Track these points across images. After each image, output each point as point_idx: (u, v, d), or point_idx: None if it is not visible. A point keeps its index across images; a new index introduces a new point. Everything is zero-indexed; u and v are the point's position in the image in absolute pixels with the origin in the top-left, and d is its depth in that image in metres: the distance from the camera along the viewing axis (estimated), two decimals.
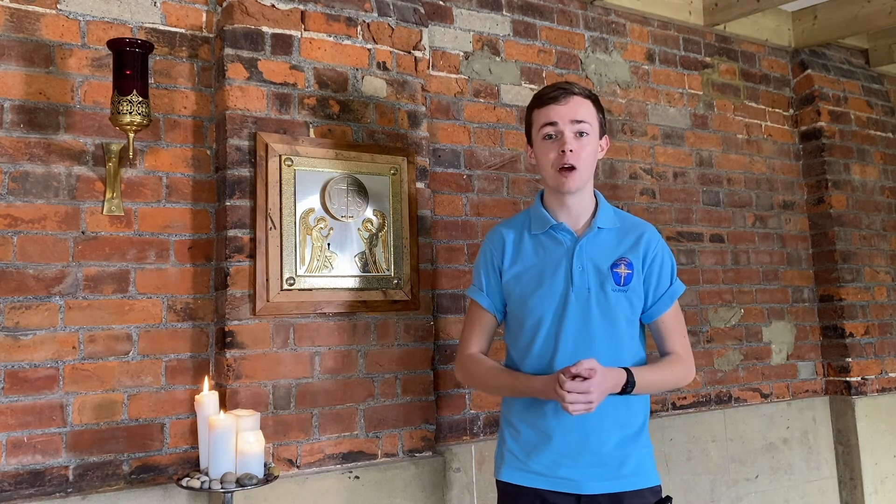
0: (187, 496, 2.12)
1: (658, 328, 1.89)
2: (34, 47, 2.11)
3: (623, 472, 1.78)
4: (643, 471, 1.81)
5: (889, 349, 3.87)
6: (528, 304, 1.84)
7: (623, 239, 1.86)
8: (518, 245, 1.90)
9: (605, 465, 1.77)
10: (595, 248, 1.84)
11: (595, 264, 1.82)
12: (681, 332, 1.90)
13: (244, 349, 2.20)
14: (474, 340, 1.95)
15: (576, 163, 1.79)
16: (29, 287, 2.04)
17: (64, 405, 2.06)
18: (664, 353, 1.89)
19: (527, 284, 1.86)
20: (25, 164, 2.07)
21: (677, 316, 1.90)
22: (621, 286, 1.81)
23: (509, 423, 1.89)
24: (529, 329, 1.84)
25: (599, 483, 1.77)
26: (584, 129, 1.81)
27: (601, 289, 1.80)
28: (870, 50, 4.22)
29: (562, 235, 1.86)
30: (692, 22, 3.54)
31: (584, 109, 1.82)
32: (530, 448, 1.82)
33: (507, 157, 2.93)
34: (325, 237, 2.36)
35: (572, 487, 1.77)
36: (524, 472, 1.83)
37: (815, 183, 3.86)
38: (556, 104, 1.81)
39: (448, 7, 2.87)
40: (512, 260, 1.90)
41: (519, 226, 1.94)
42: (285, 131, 2.34)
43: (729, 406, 3.42)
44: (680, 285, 1.90)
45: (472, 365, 1.92)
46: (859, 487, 3.61)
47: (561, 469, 1.78)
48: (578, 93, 1.83)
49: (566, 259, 1.83)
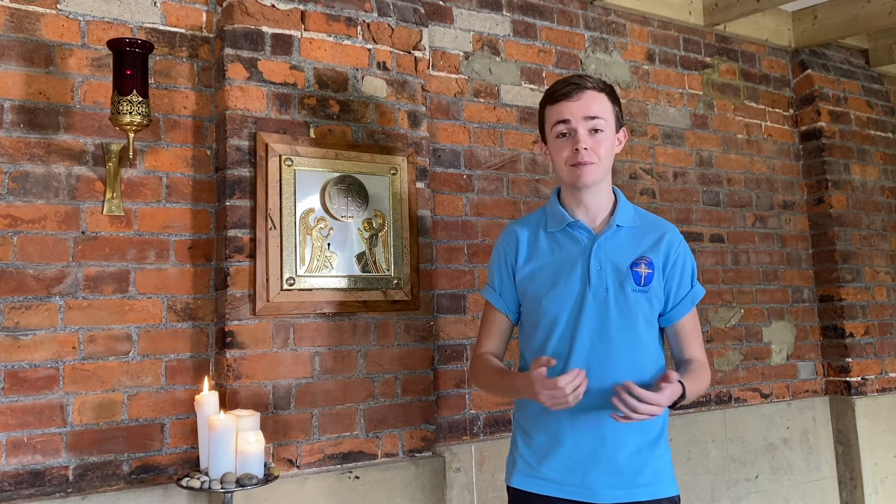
0: (187, 496, 2.12)
1: (677, 332, 1.82)
2: (34, 47, 2.11)
3: (640, 482, 1.71)
4: (661, 480, 1.73)
5: (889, 349, 3.87)
6: (543, 303, 1.77)
7: (643, 238, 1.79)
8: (533, 243, 1.84)
9: (621, 473, 1.70)
10: (614, 246, 1.77)
11: (613, 263, 1.75)
12: (699, 336, 1.83)
13: (244, 349, 2.20)
14: (486, 341, 1.90)
15: (591, 160, 1.72)
16: (29, 287, 2.04)
17: (64, 405, 2.06)
18: (684, 359, 1.81)
19: (541, 283, 1.79)
20: (25, 164, 2.07)
21: (696, 320, 1.83)
22: (642, 286, 1.74)
23: (521, 429, 1.83)
24: (544, 329, 1.78)
25: (615, 492, 1.69)
26: (598, 126, 1.73)
27: (620, 289, 1.73)
28: (870, 50, 4.22)
29: (579, 233, 1.79)
30: (692, 22, 3.54)
31: (597, 104, 1.74)
32: (542, 454, 1.76)
33: (507, 157, 2.93)
34: (325, 237, 2.36)
35: (586, 496, 1.70)
36: (536, 478, 1.76)
37: (815, 183, 3.86)
38: (569, 100, 1.74)
39: (448, 7, 2.87)
40: (526, 258, 1.83)
41: (534, 223, 1.88)
42: (285, 131, 2.34)
43: (729, 406, 3.42)
44: (700, 289, 1.83)
45: (475, 366, 1.89)
46: (859, 487, 3.61)
47: (574, 476, 1.72)
48: (591, 87, 1.75)
49: (583, 258, 1.76)
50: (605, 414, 1.67)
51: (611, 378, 1.69)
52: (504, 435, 2.73)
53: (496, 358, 1.88)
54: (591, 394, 1.65)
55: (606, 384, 1.67)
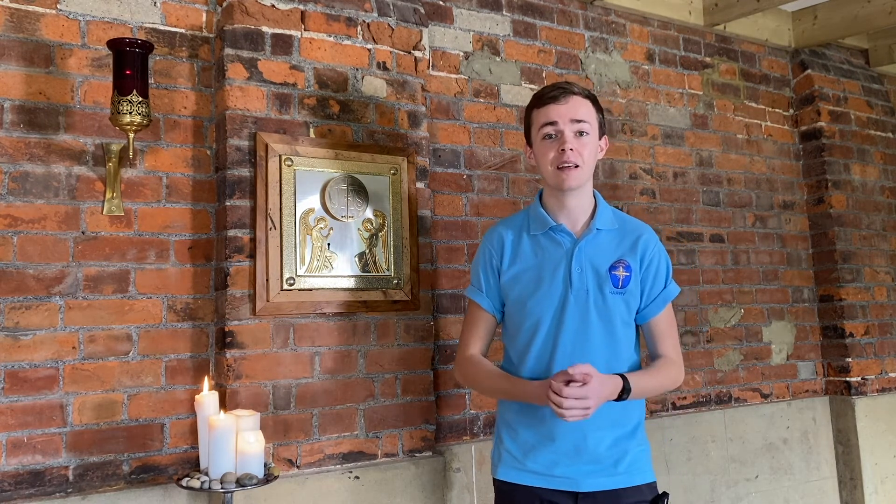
0: (187, 496, 2.12)
1: (651, 330, 1.89)
2: (34, 47, 2.11)
3: (619, 470, 1.80)
4: (638, 468, 1.83)
5: (889, 349, 3.87)
6: (527, 305, 1.85)
7: (622, 241, 1.87)
8: (517, 246, 1.90)
9: (601, 462, 1.80)
10: (594, 249, 1.84)
11: (594, 266, 1.83)
12: (673, 334, 1.91)
13: (244, 349, 2.20)
14: (473, 341, 1.95)
15: (576, 161, 1.79)
16: (29, 287, 2.04)
17: (64, 405, 2.06)
18: (656, 356, 1.90)
19: (525, 286, 1.86)
20: (25, 164, 2.07)
21: (670, 318, 1.90)
22: (619, 289, 1.82)
23: (507, 424, 1.90)
24: (528, 330, 1.85)
25: (596, 480, 1.79)
26: (583, 129, 1.81)
27: (599, 291, 1.81)
28: (870, 50, 4.22)
29: (561, 237, 1.86)
30: (692, 22, 3.54)
31: (583, 109, 1.82)
32: (528, 448, 1.84)
33: (507, 157, 2.93)
34: (325, 237, 2.36)
35: (570, 485, 1.79)
36: (522, 471, 1.85)
37: (815, 183, 3.86)
38: (556, 104, 1.81)
39: (448, 7, 2.87)
40: (511, 261, 1.90)
41: (517, 226, 1.93)
42: (285, 131, 2.34)
43: (729, 406, 3.42)
44: (674, 288, 1.90)
45: (471, 367, 1.92)
46: (859, 487, 3.61)
47: (558, 468, 1.81)
48: (578, 92, 1.84)
49: (565, 261, 1.83)
50: None
51: None
52: None
53: (485, 357, 1.95)
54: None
55: None
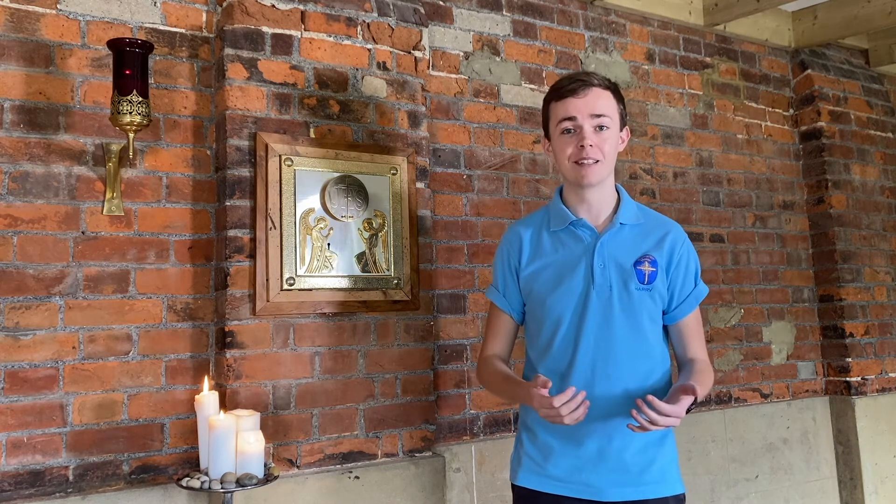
0: (187, 496, 2.12)
1: (680, 331, 1.80)
2: (34, 47, 2.11)
3: (646, 479, 1.70)
4: (667, 478, 1.73)
5: (889, 349, 3.87)
6: (547, 302, 1.77)
7: (647, 236, 1.78)
8: (536, 242, 1.84)
9: (628, 470, 1.70)
10: (617, 244, 1.76)
11: (617, 262, 1.74)
12: (702, 335, 1.83)
13: (244, 349, 2.20)
14: (491, 343, 1.90)
15: (596, 157, 1.71)
16: (29, 287, 2.04)
17: (64, 405, 2.06)
18: (687, 358, 1.80)
19: (545, 282, 1.79)
20: (25, 164, 2.07)
21: (699, 319, 1.83)
22: (645, 284, 1.73)
23: (527, 427, 1.82)
24: (548, 328, 1.77)
25: (622, 490, 1.69)
26: (604, 123, 1.72)
27: (624, 287, 1.73)
28: (870, 50, 4.22)
29: (582, 232, 1.78)
30: (692, 22, 3.54)
31: (603, 101, 1.73)
32: (549, 452, 1.76)
33: (507, 157, 2.93)
34: (325, 237, 2.36)
35: (593, 494, 1.70)
36: (542, 476, 1.76)
37: (815, 183, 3.86)
38: (575, 97, 1.72)
39: (448, 7, 2.87)
40: (530, 258, 1.83)
41: (537, 223, 1.87)
42: (285, 131, 2.34)
43: (729, 406, 3.42)
44: (704, 287, 1.83)
45: (485, 369, 1.88)
46: (859, 487, 3.61)
47: (581, 474, 1.71)
48: (598, 84, 1.74)
49: (586, 256, 1.75)
50: (611, 412, 1.68)
51: (615, 375, 1.71)
52: (504, 435, 2.74)
53: (503, 359, 1.89)
54: (595, 391, 1.66)
55: (611, 381, 1.70)
